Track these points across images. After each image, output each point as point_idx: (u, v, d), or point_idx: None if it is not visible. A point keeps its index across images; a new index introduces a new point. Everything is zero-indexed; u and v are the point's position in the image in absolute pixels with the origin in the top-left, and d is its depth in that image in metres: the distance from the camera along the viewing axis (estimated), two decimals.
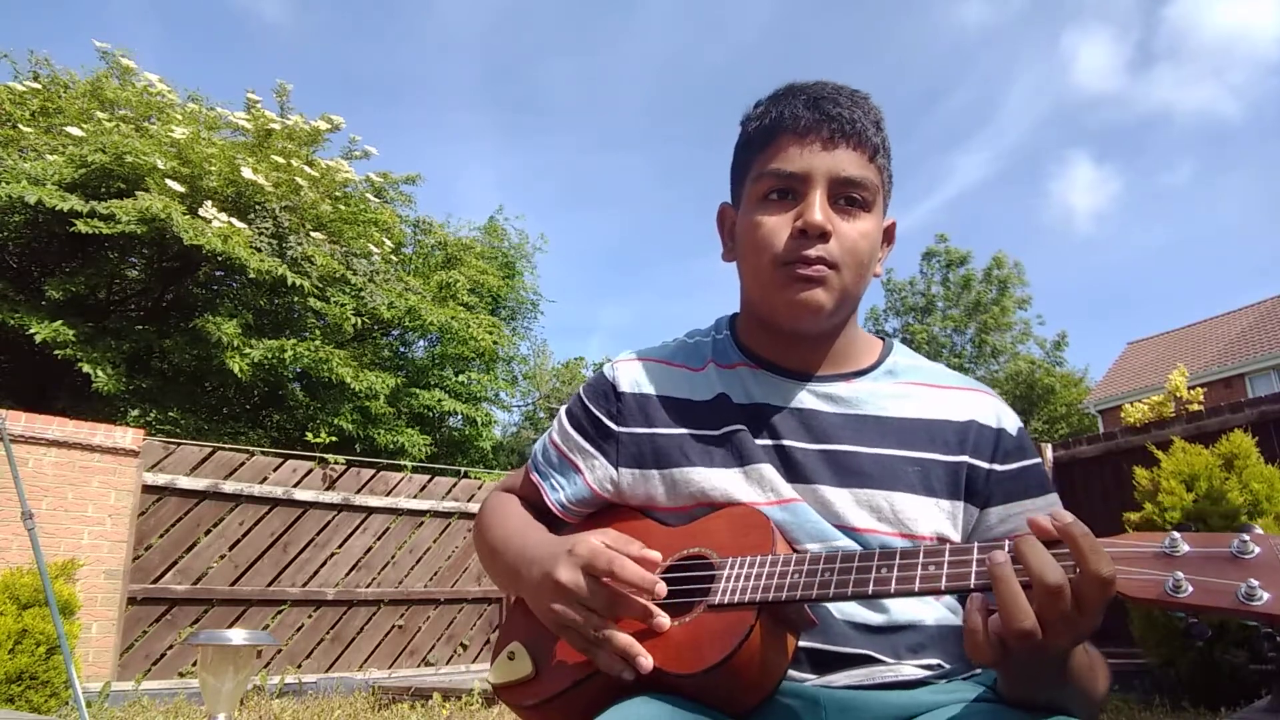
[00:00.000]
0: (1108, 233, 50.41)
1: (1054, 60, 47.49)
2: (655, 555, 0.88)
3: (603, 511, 1.08)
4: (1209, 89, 45.05)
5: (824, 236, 0.94)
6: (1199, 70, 44.80)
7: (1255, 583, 0.61)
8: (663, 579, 0.90)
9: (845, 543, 0.91)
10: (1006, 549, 0.72)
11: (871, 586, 0.77)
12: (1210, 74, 44.87)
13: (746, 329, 1.08)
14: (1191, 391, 8.08)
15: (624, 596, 0.85)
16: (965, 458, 0.96)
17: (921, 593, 0.76)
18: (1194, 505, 4.43)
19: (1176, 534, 0.67)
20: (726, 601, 0.83)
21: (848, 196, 0.96)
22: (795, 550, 0.89)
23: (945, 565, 0.75)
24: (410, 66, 47.98)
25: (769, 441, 0.98)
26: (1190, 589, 0.64)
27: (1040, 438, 22.84)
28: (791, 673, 0.87)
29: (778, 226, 0.96)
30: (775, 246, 0.96)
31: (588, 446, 1.07)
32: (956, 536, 0.95)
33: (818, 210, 0.93)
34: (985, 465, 0.96)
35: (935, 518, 0.93)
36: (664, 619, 0.85)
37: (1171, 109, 46.94)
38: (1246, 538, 0.64)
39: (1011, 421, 1.01)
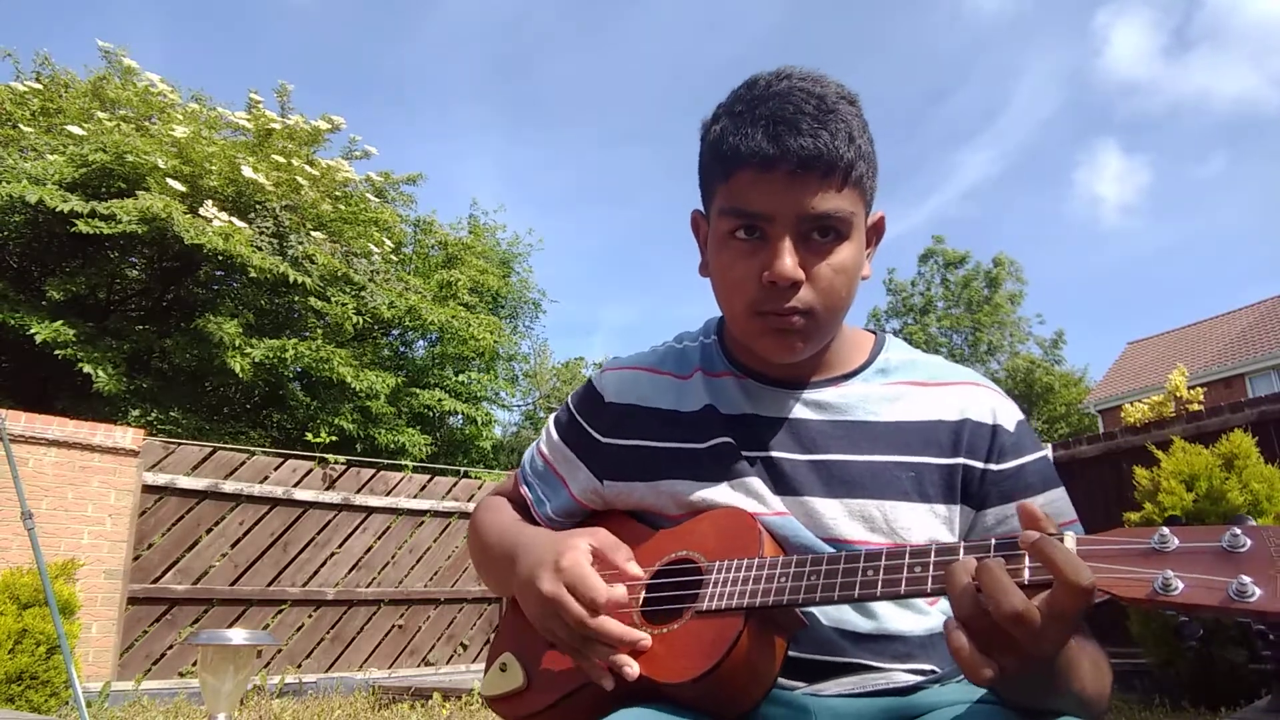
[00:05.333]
0: (1131, 226, 49.39)
1: (1082, 47, 46.50)
2: (638, 571, 0.90)
3: (591, 514, 1.08)
4: (1248, 77, 43.82)
5: (795, 285, 0.87)
6: (1237, 57, 43.59)
7: (1246, 579, 0.58)
8: (650, 584, 0.90)
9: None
10: (992, 550, 0.71)
11: (858, 589, 0.76)
12: (1249, 60, 43.79)
13: (732, 339, 1.04)
14: (1191, 391, 8.08)
15: (600, 626, 0.84)
16: (960, 459, 0.92)
17: (908, 595, 0.74)
18: (1194, 505, 4.42)
19: (1166, 529, 0.64)
20: (714, 607, 0.82)
21: (820, 229, 0.87)
22: (783, 554, 0.88)
23: (931, 566, 0.73)
24: (415, 62, 47.98)
25: (757, 453, 0.95)
26: (1180, 587, 0.61)
27: (1040, 437, 22.79)
28: (782, 681, 0.86)
29: (746, 273, 0.89)
30: (746, 295, 0.90)
31: (573, 457, 1.07)
32: (953, 540, 0.92)
33: (786, 259, 0.86)
34: (980, 465, 0.92)
35: (930, 524, 0.90)
36: (645, 640, 0.84)
37: (1207, 97, 45.68)
38: (1238, 531, 0.61)
39: (1009, 416, 0.95)
